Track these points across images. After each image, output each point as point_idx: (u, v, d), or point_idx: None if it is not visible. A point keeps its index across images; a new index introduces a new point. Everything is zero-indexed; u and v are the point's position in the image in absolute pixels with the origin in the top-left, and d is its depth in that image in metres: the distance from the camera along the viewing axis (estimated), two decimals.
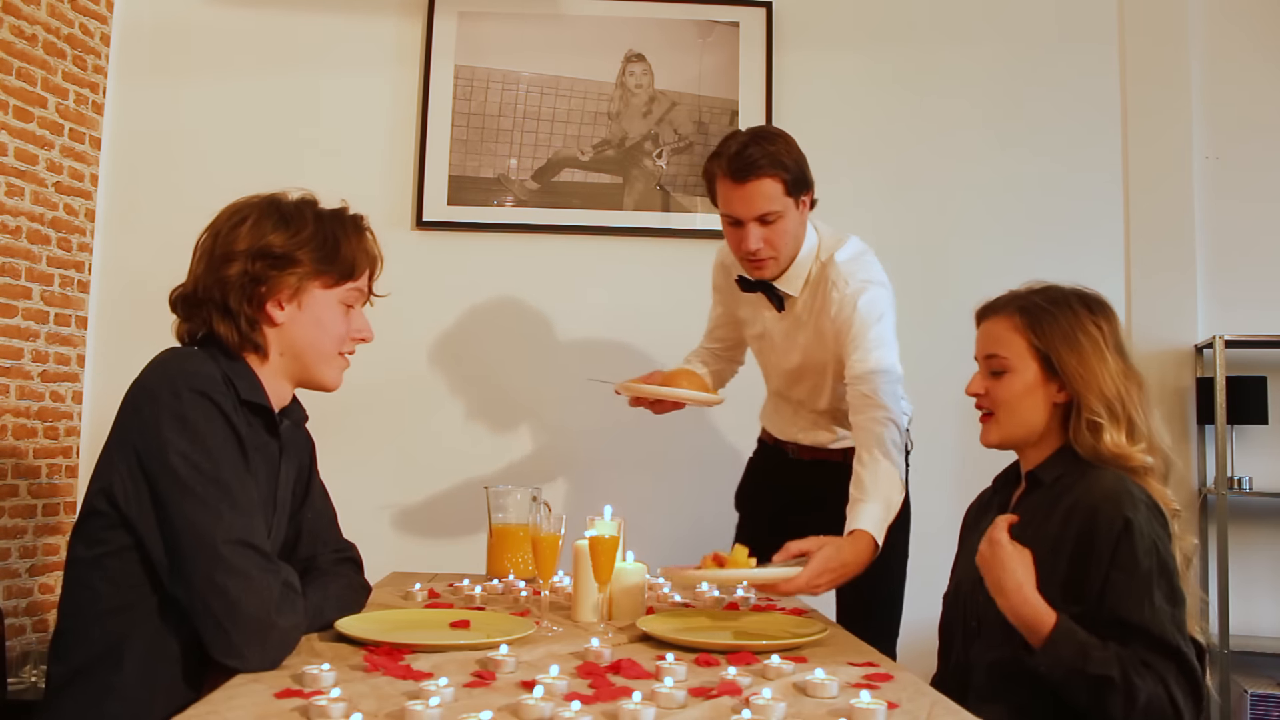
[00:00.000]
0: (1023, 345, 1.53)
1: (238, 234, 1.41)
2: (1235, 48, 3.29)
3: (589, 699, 1.11)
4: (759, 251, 1.96)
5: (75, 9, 2.98)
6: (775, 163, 1.90)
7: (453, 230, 3.18)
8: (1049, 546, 1.42)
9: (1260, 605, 3.10)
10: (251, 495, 1.32)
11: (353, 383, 3.08)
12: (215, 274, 1.40)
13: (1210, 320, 3.18)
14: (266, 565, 1.28)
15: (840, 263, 2.03)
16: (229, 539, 1.25)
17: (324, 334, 1.47)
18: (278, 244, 1.41)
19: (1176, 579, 1.38)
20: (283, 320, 1.44)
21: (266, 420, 1.45)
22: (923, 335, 3.04)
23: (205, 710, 1.05)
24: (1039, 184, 3.25)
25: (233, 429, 1.32)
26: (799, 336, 2.09)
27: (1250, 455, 3.14)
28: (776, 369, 2.21)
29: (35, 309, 2.84)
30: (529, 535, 1.61)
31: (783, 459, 2.28)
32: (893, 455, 1.86)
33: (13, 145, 2.73)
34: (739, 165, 1.89)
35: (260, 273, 1.41)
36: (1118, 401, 1.47)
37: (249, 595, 1.23)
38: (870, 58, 3.29)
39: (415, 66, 3.22)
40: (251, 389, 1.42)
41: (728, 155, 1.91)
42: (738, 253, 2.01)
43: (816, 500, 2.05)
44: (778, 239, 1.96)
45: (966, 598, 1.55)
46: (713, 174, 1.96)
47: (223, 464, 1.29)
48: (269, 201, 1.46)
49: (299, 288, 1.44)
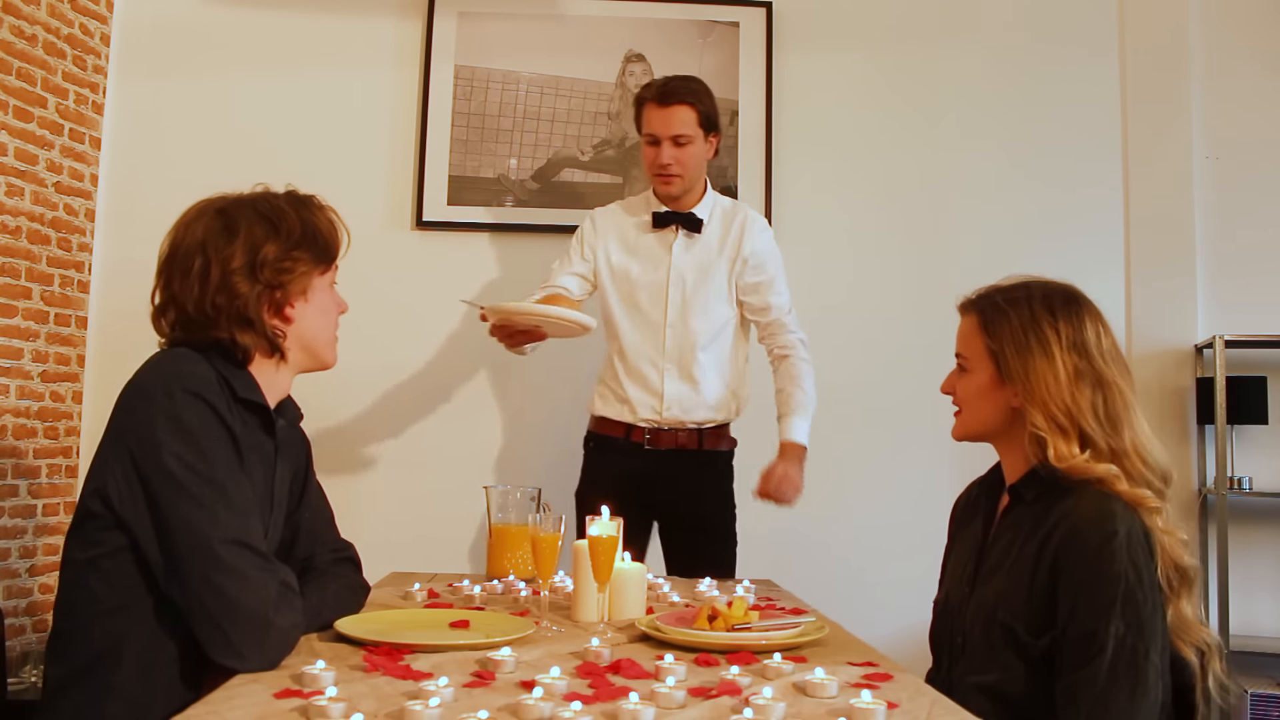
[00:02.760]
0: (980, 346, 1.50)
1: (232, 250, 1.40)
2: (1235, 47, 3.29)
3: (589, 699, 1.11)
4: (670, 166, 2.35)
5: (75, 9, 2.98)
6: (695, 96, 2.35)
7: (453, 230, 3.18)
8: (1027, 568, 1.39)
9: (1260, 605, 3.10)
10: (247, 495, 1.32)
11: (353, 382, 3.11)
12: (226, 292, 1.39)
13: (1210, 320, 3.19)
14: (263, 565, 1.28)
15: (743, 204, 2.55)
16: (225, 539, 1.25)
17: (327, 318, 1.52)
18: (274, 251, 1.42)
19: (1148, 609, 1.31)
20: (296, 316, 1.47)
21: (263, 419, 1.45)
22: (921, 335, 3.05)
23: (205, 710, 1.05)
24: (1039, 183, 3.25)
25: (227, 429, 1.32)
26: (701, 268, 2.42)
27: (1250, 455, 3.14)
28: (656, 316, 2.41)
29: (35, 309, 2.84)
30: (529, 535, 1.61)
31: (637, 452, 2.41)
32: (810, 375, 2.45)
33: (13, 145, 2.73)
34: (665, 91, 2.34)
35: (273, 280, 1.42)
36: (1063, 412, 1.40)
37: (246, 594, 1.23)
38: (870, 58, 3.29)
39: (415, 67, 3.22)
40: (248, 388, 1.42)
41: (657, 85, 2.37)
42: (652, 168, 2.38)
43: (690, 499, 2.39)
44: (687, 159, 2.35)
45: (955, 611, 1.53)
46: (642, 100, 2.39)
47: (217, 464, 1.29)
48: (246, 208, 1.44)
49: (305, 283, 1.46)
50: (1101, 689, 1.29)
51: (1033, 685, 1.37)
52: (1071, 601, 1.33)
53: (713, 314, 2.42)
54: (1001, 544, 1.47)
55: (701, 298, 2.40)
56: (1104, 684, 1.29)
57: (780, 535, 3.12)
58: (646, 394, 2.40)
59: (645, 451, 2.41)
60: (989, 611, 1.42)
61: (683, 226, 2.42)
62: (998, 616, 1.40)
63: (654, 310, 2.41)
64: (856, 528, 3.14)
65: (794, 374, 2.44)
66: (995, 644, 1.40)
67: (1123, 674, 1.29)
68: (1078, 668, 1.31)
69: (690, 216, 2.42)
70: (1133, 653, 1.29)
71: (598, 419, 2.49)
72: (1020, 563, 1.41)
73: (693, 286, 2.40)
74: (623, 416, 2.43)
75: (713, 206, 2.46)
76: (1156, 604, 1.33)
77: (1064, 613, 1.34)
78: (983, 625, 1.43)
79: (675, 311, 2.40)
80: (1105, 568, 1.31)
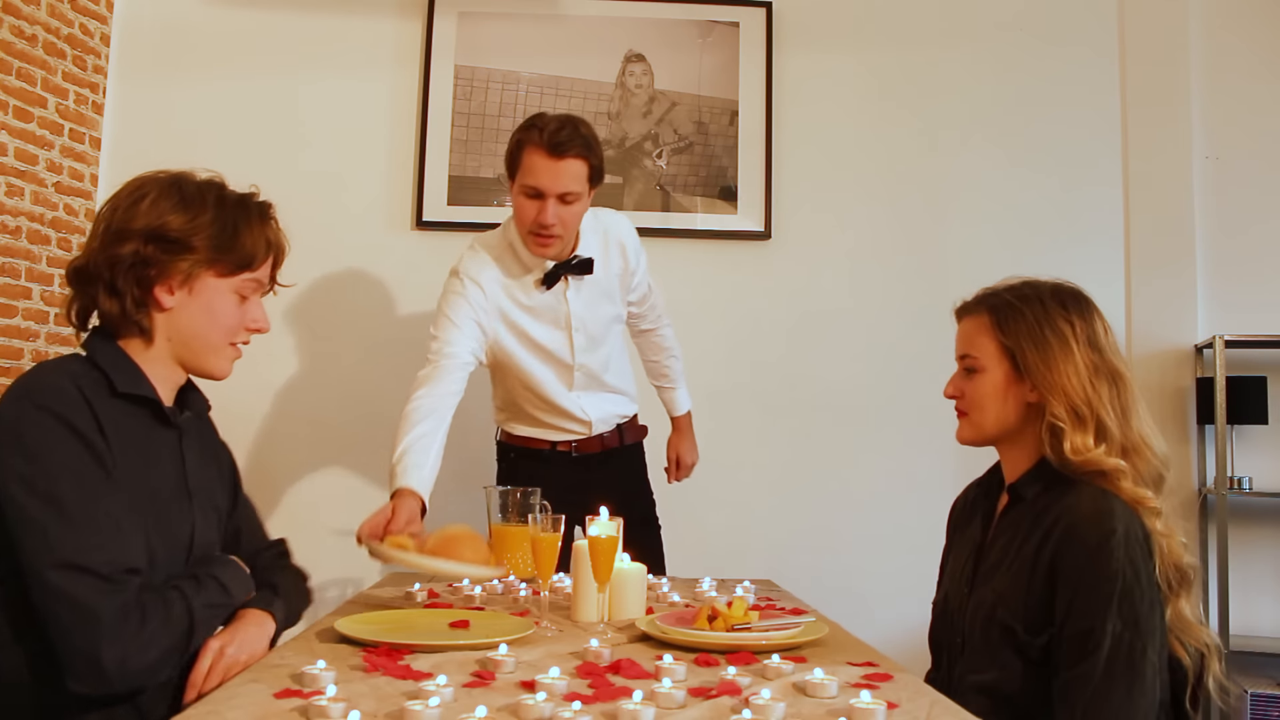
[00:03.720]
0: (992, 344, 1.50)
1: (136, 211, 1.35)
2: (1235, 47, 3.29)
3: (589, 699, 1.11)
4: (552, 227, 2.05)
5: (75, 9, 2.98)
6: (588, 148, 2.05)
7: (453, 230, 3.17)
8: (1026, 567, 1.39)
9: (1260, 605, 3.10)
10: (97, 508, 1.23)
11: (354, 382, 3.11)
12: (107, 250, 1.34)
13: (1210, 320, 3.19)
14: (100, 587, 1.19)
15: (600, 213, 2.28)
16: (58, 563, 1.19)
17: (214, 323, 1.41)
18: (174, 226, 1.35)
19: (1145, 607, 1.31)
20: (171, 305, 1.38)
21: (155, 411, 1.39)
22: (921, 334, 3.05)
23: (205, 710, 1.05)
24: (1039, 183, 3.25)
25: (80, 438, 1.25)
26: (596, 302, 2.25)
27: (1250, 455, 3.14)
28: (563, 360, 2.24)
29: (35, 309, 2.84)
30: (529, 535, 1.61)
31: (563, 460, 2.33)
32: (676, 342, 2.50)
33: (13, 145, 2.73)
34: (557, 142, 2.01)
35: (152, 255, 1.35)
36: (1084, 403, 1.42)
37: (76, 624, 1.18)
38: (870, 58, 3.29)
39: (415, 67, 3.22)
40: (132, 380, 1.35)
41: (548, 131, 2.02)
42: (530, 224, 2.07)
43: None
44: (570, 219, 2.08)
45: (954, 612, 1.53)
46: (524, 144, 2.05)
47: (61, 479, 1.22)
48: (172, 180, 1.41)
49: (191, 274, 1.37)
50: (1098, 686, 1.29)
51: (1032, 684, 1.37)
52: (1069, 599, 1.33)
53: (611, 333, 2.34)
54: (1000, 544, 1.47)
55: (599, 328, 2.29)
56: (1100, 681, 1.29)
57: (780, 535, 3.13)
58: (568, 421, 2.31)
59: (573, 459, 2.34)
60: (988, 611, 1.42)
61: (573, 274, 2.19)
62: (997, 616, 1.41)
63: (559, 356, 2.25)
64: (856, 528, 3.14)
65: (666, 346, 2.50)
66: (994, 643, 1.40)
67: (1120, 671, 1.29)
68: (1074, 664, 1.32)
69: (580, 262, 2.19)
70: (1130, 650, 1.30)
71: (513, 435, 2.38)
72: (1019, 562, 1.41)
73: (592, 323, 2.26)
74: (546, 437, 2.34)
75: (589, 236, 2.23)
76: (1154, 602, 1.33)
77: (1061, 610, 1.34)
78: (982, 624, 1.43)
79: (581, 352, 2.25)
80: (1103, 565, 1.32)
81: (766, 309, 3.19)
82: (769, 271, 3.20)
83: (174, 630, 1.26)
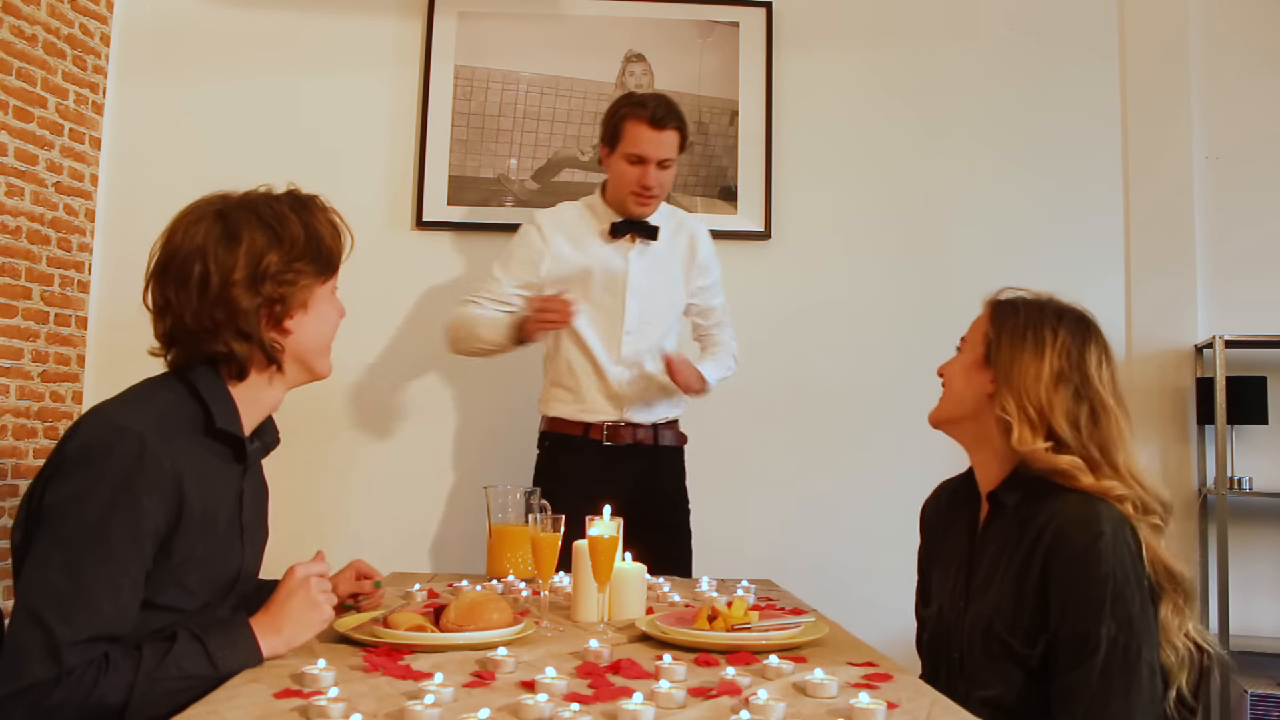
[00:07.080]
0: (981, 331, 1.53)
1: (234, 260, 1.32)
2: (1235, 47, 3.29)
3: (588, 699, 1.11)
4: (653, 189, 2.37)
5: (75, 9, 2.98)
6: (681, 120, 2.38)
7: (453, 230, 3.18)
8: (1017, 578, 1.39)
9: (1260, 605, 3.10)
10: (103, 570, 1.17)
11: (354, 383, 3.11)
12: (224, 305, 1.32)
13: (1210, 320, 3.19)
14: (44, 649, 1.13)
15: (681, 211, 2.61)
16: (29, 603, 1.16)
17: (328, 327, 1.46)
18: (276, 262, 1.34)
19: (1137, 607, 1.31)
20: (293, 328, 1.39)
21: (236, 447, 1.38)
22: (920, 336, 3.05)
23: (205, 710, 1.05)
24: (1039, 182, 3.25)
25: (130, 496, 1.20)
26: (657, 275, 2.46)
27: (1250, 455, 3.14)
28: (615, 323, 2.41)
29: (35, 309, 2.84)
30: (529, 535, 1.61)
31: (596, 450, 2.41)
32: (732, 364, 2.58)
33: (13, 145, 2.73)
34: (660, 114, 2.33)
35: (274, 293, 1.35)
36: (1034, 406, 1.42)
37: (5, 665, 1.14)
38: (870, 58, 3.29)
39: (415, 67, 3.22)
40: (227, 418, 1.35)
41: (650, 105, 2.35)
42: (633, 186, 2.36)
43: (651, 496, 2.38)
44: (666, 181, 2.40)
45: (950, 627, 1.52)
46: (627, 116, 2.36)
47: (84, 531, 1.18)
48: (247, 213, 1.36)
49: (307, 293, 1.39)
50: (1097, 690, 1.29)
51: (1035, 694, 1.37)
52: (1062, 604, 1.34)
53: (666, 320, 2.48)
54: (989, 555, 1.47)
55: (657, 305, 2.45)
56: (1099, 685, 1.29)
57: (780, 535, 3.13)
58: (602, 395, 2.41)
59: (604, 449, 2.41)
60: (985, 626, 1.42)
61: (639, 235, 2.43)
62: (994, 630, 1.40)
63: (612, 318, 2.42)
64: (856, 529, 3.14)
65: (720, 352, 2.58)
66: (994, 657, 1.40)
67: (1117, 674, 1.30)
68: (1071, 669, 1.32)
69: (646, 225, 2.44)
70: (1125, 651, 1.30)
71: (551, 419, 2.49)
72: (1009, 574, 1.41)
73: (649, 294, 2.44)
74: (579, 416, 2.43)
75: (663, 218, 2.48)
76: (1146, 602, 1.34)
77: (1055, 616, 1.34)
78: (981, 641, 1.42)
79: (633, 319, 2.42)
80: (1093, 569, 1.32)
81: (766, 309, 3.19)
82: (769, 271, 3.20)
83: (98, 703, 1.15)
